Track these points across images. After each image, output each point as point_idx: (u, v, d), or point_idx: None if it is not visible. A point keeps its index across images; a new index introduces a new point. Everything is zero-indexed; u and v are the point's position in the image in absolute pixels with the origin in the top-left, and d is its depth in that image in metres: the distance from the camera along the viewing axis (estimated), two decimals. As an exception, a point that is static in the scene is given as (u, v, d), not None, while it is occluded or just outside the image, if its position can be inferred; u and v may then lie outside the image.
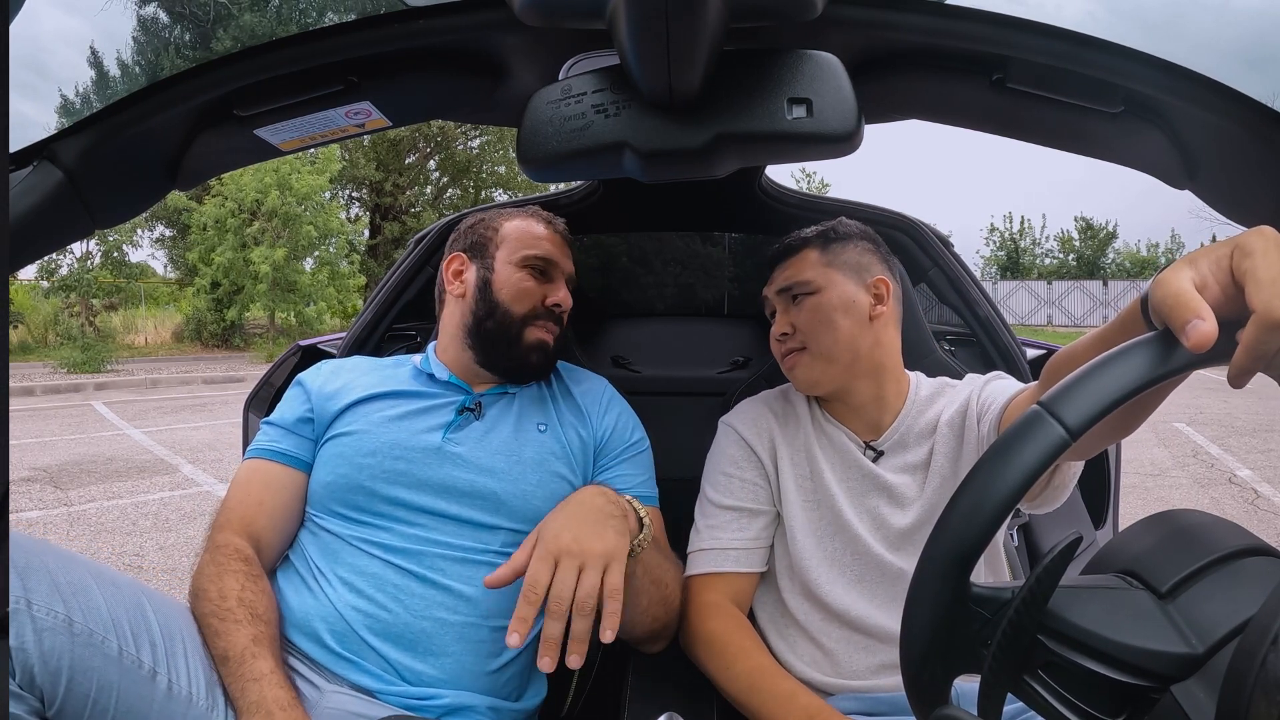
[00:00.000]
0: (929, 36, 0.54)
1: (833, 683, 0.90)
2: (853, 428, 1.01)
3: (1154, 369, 0.43)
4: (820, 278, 1.00)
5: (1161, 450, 5.53)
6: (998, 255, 27.40)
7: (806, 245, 1.04)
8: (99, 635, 0.73)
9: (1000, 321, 1.40)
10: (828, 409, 1.03)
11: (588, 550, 0.78)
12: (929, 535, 0.46)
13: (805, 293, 1.00)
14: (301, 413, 1.04)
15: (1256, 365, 0.41)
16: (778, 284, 1.04)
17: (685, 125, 0.55)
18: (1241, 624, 0.41)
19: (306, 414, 1.04)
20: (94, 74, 2.99)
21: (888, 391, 1.00)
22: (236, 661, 0.80)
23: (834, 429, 1.01)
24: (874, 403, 1.00)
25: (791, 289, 1.01)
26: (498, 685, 0.94)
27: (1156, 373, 0.43)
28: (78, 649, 0.71)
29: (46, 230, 0.60)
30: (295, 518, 1.00)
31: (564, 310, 1.07)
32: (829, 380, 0.99)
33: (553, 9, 0.47)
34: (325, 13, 3.03)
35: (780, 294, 1.03)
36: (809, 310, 0.99)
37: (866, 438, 1.00)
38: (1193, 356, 0.42)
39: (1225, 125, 0.52)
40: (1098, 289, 23.22)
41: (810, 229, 1.06)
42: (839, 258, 1.02)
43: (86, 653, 0.72)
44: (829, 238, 1.04)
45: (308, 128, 0.65)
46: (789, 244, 1.06)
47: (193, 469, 4.79)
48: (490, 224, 1.11)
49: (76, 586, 0.74)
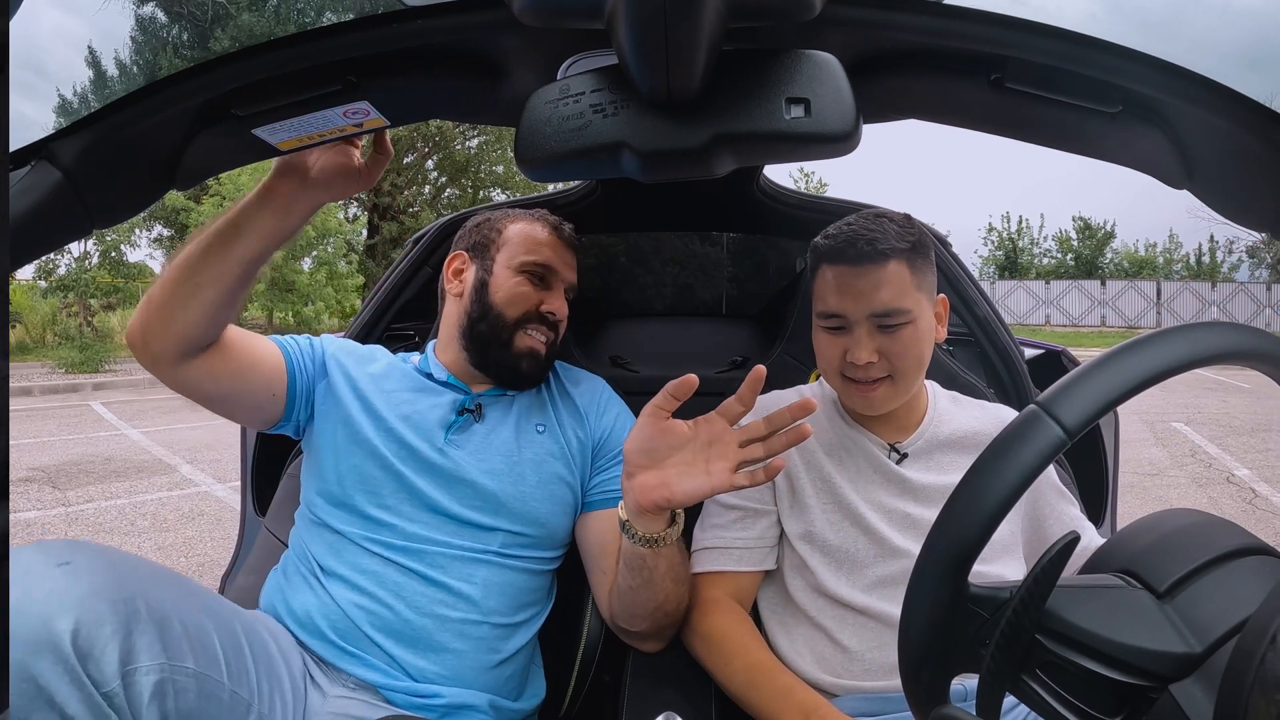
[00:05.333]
0: (928, 36, 0.54)
1: (839, 683, 0.90)
2: (877, 432, 1.00)
3: (1152, 368, 0.43)
4: (914, 306, 0.90)
5: (1160, 449, 5.54)
6: (996, 255, 27.41)
7: (897, 257, 0.90)
8: (212, 679, 0.72)
9: (998, 321, 1.40)
10: (852, 414, 1.02)
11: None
12: (927, 535, 0.46)
13: (903, 322, 0.90)
14: (311, 350, 1.04)
15: None
16: (868, 304, 0.89)
17: (683, 125, 0.55)
18: (1240, 623, 0.41)
19: (313, 354, 1.04)
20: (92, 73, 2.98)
21: (912, 401, 1.00)
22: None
23: (857, 432, 1.00)
24: (902, 411, 1.00)
25: (888, 315, 0.89)
26: (499, 683, 0.95)
27: (1154, 372, 0.43)
28: (201, 704, 0.70)
29: (45, 230, 0.60)
30: (254, 355, 0.97)
31: (559, 319, 1.07)
32: (894, 406, 0.96)
33: (551, 9, 0.47)
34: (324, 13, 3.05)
35: (871, 317, 0.90)
36: (905, 342, 0.90)
37: (891, 440, 1.00)
38: (1191, 356, 0.42)
39: (1224, 125, 0.52)
40: (1096, 289, 23.24)
41: (894, 231, 0.91)
42: (925, 279, 0.93)
43: (206, 705, 0.70)
44: (919, 251, 0.92)
45: (306, 127, 0.65)
46: (880, 249, 0.89)
47: (191, 469, 4.78)
48: (495, 225, 1.10)
49: (195, 628, 0.72)
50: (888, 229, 0.91)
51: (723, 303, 1.92)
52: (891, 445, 0.99)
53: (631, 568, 0.89)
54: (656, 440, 0.82)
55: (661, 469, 0.82)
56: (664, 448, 0.82)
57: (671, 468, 0.82)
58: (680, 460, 0.82)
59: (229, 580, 1.32)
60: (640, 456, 0.83)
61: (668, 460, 0.82)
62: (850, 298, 0.90)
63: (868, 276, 0.89)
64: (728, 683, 0.88)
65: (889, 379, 0.92)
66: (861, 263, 0.89)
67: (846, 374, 0.94)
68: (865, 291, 0.89)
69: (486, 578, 0.95)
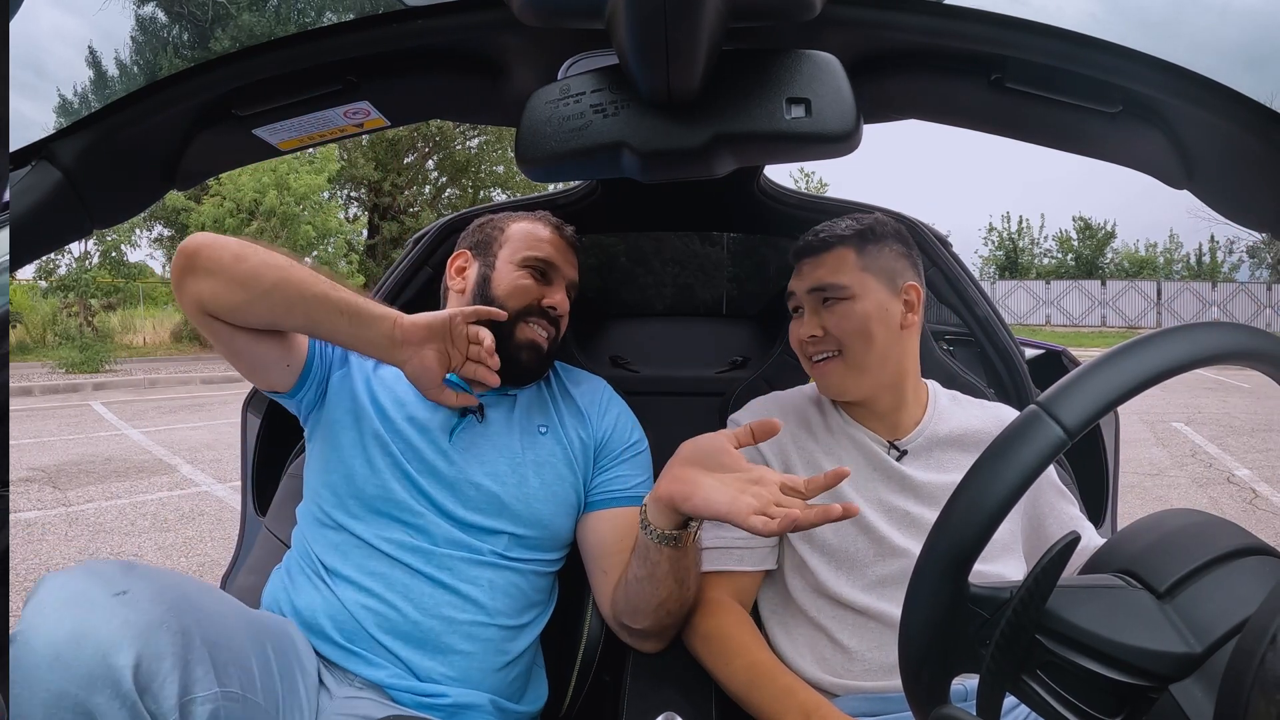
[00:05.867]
0: (928, 36, 0.54)
1: (839, 683, 0.90)
2: (875, 429, 1.00)
3: (1152, 368, 0.43)
4: (856, 283, 0.96)
5: (1160, 450, 5.54)
6: (996, 255, 27.39)
7: (842, 243, 0.99)
8: (251, 701, 0.72)
9: (999, 321, 1.40)
10: (849, 412, 1.02)
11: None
12: (927, 535, 0.46)
13: (840, 297, 0.97)
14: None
15: None
16: (808, 281, 0.99)
17: (684, 125, 0.55)
18: (1240, 623, 0.41)
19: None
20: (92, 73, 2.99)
21: (909, 398, 1.01)
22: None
23: (855, 430, 1.00)
24: (897, 409, 1.00)
25: (825, 290, 0.97)
26: (504, 684, 0.95)
27: (1154, 372, 0.43)
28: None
29: (45, 230, 0.60)
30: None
31: (560, 313, 1.07)
32: (858, 389, 0.98)
33: (552, 9, 0.47)
34: (324, 12, 3.04)
35: (811, 293, 0.99)
36: (843, 316, 0.96)
37: (890, 438, 1.00)
38: (1191, 356, 0.42)
39: (1224, 125, 0.52)
40: (1096, 289, 23.24)
41: (846, 224, 1.01)
42: (875, 262, 0.98)
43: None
44: (866, 238, 0.99)
45: (306, 127, 0.65)
46: (823, 238, 1.00)
47: (191, 469, 4.78)
48: (498, 224, 1.11)
49: (237, 651, 0.72)
50: (840, 223, 1.02)
51: (723, 303, 1.92)
52: (891, 442, 0.99)
53: (642, 559, 0.89)
54: (718, 454, 0.84)
55: (695, 465, 0.84)
56: (716, 463, 0.84)
57: (709, 477, 0.82)
58: (721, 478, 0.82)
59: (229, 580, 1.32)
60: (694, 452, 0.85)
61: (711, 471, 0.83)
62: (797, 279, 1.02)
63: (812, 260, 1.00)
64: (728, 683, 0.88)
65: (839, 355, 0.97)
66: (810, 252, 1.01)
67: (806, 355, 1.01)
68: (807, 273, 1.00)
69: (492, 580, 0.95)
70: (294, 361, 0.99)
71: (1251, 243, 23.97)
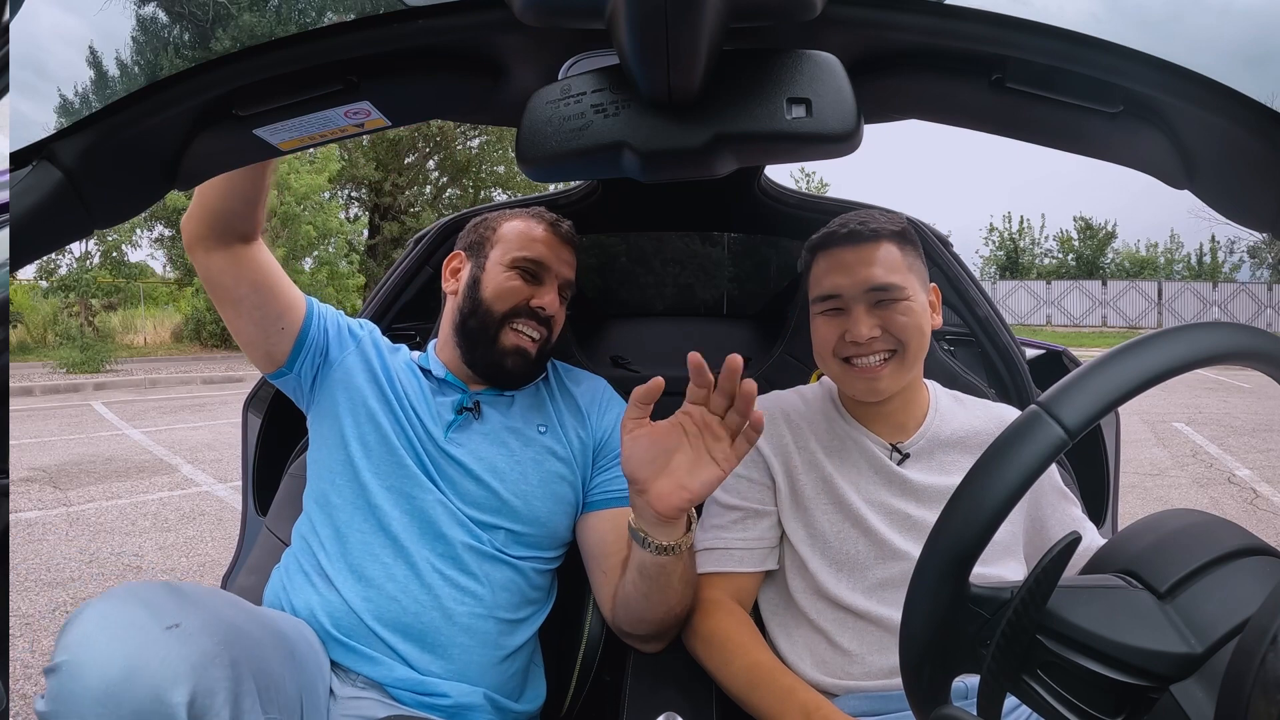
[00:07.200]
0: (928, 36, 0.54)
1: (839, 684, 0.90)
2: (878, 432, 1.00)
3: (1153, 368, 0.43)
4: (908, 284, 0.93)
5: (1161, 450, 5.54)
6: (997, 255, 27.39)
7: (887, 238, 0.94)
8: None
9: (999, 321, 1.40)
10: (855, 413, 1.01)
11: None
12: (928, 536, 0.46)
13: (898, 297, 0.92)
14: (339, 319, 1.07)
15: None
16: (863, 281, 0.92)
17: (684, 125, 0.55)
18: (1241, 623, 0.41)
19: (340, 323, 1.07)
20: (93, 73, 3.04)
21: (913, 399, 1.00)
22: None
23: (858, 432, 1.00)
24: (903, 410, 1.00)
25: (885, 290, 0.92)
26: (502, 680, 0.95)
27: (1155, 372, 0.43)
28: None
29: (46, 230, 0.60)
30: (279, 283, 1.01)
31: (550, 314, 1.05)
32: (892, 389, 0.95)
33: (552, 9, 0.47)
34: (325, 12, 3.06)
35: (869, 292, 0.92)
36: (903, 313, 0.92)
37: (892, 440, 0.99)
38: (1192, 356, 0.42)
39: (1225, 125, 0.52)
40: (1097, 289, 23.23)
41: (879, 222, 0.95)
42: (915, 264, 0.96)
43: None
44: (906, 237, 0.96)
45: (307, 127, 0.65)
46: (872, 229, 0.94)
47: (192, 469, 4.78)
48: (490, 224, 1.11)
49: (277, 676, 0.73)
50: (876, 215, 0.96)
51: (723, 303, 1.92)
52: (893, 445, 0.99)
53: (647, 576, 0.87)
54: (653, 449, 0.81)
55: (670, 474, 0.81)
56: (663, 453, 0.81)
57: (679, 469, 0.80)
58: (683, 459, 0.81)
59: (229, 580, 1.32)
60: (644, 470, 0.81)
61: (671, 463, 0.81)
62: (845, 275, 0.93)
63: (861, 253, 0.93)
64: (729, 683, 0.88)
65: (895, 356, 0.92)
66: (854, 242, 0.94)
67: (848, 357, 0.93)
68: (859, 268, 0.92)
69: (490, 573, 0.96)
70: (288, 322, 1.00)
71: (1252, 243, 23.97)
